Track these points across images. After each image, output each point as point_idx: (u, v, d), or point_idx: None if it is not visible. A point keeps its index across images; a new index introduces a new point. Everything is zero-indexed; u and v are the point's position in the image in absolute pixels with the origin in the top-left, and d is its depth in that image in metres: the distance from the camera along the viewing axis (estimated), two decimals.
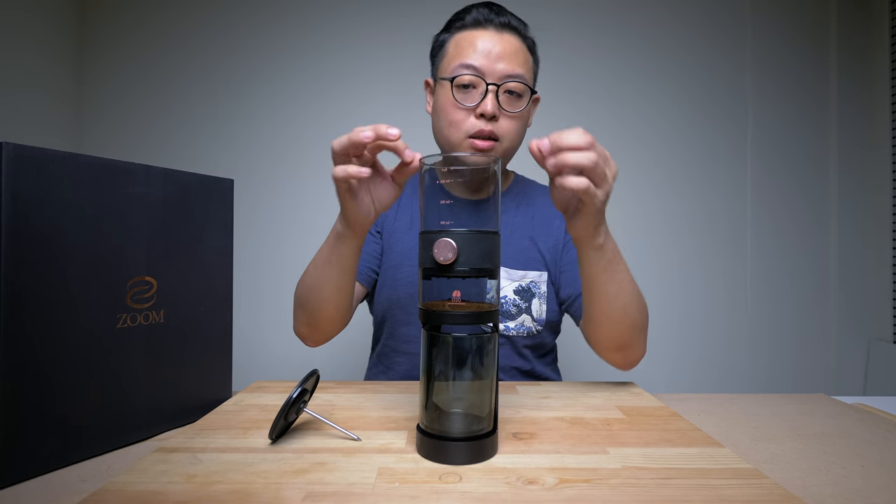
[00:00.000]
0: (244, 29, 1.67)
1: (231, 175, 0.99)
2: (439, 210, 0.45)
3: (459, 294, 0.45)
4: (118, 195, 0.49)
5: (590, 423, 0.53)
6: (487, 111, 0.73)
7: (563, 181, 0.51)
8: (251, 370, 1.60)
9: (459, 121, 0.76)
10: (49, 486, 0.41)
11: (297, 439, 0.48)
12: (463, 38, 0.77)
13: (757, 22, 1.69)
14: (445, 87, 0.77)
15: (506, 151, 0.79)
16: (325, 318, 0.72)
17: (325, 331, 0.74)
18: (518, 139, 0.80)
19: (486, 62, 0.74)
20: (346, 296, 0.70)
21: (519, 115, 0.78)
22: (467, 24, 0.77)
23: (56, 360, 0.44)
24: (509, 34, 0.76)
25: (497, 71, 0.74)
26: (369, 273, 0.85)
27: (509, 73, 0.75)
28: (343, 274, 0.66)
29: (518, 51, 0.76)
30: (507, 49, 0.75)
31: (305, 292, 0.71)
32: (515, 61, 0.75)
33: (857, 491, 0.42)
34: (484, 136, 0.75)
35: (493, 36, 0.75)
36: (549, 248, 0.85)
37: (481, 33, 0.76)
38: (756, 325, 1.69)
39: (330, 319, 0.72)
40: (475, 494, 0.37)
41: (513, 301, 0.82)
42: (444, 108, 0.78)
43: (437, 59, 0.82)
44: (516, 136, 0.79)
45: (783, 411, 0.63)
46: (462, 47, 0.76)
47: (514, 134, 0.78)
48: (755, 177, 1.70)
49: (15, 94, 1.42)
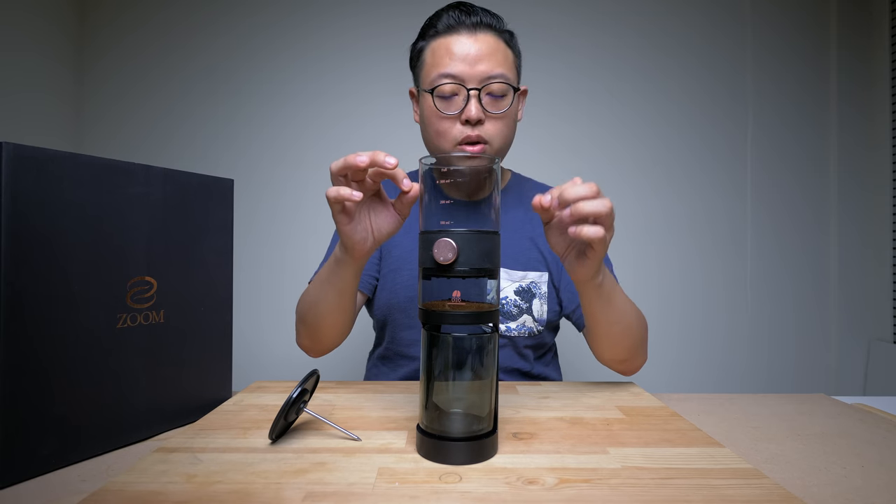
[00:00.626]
0: (244, 29, 1.67)
1: (231, 175, 0.99)
2: (439, 210, 0.45)
3: (459, 294, 0.45)
4: (118, 195, 0.49)
5: (590, 423, 0.53)
6: (472, 117, 0.73)
7: (578, 231, 0.51)
8: (251, 370, 1.59)
9: (446, 130, 0.76)
10: (49, 486, 0.41)
11: (297, 439, 0.48)
12: (438, 45, 0.76)
13: (757, 22, 1.69)
14: (427, 97, 0.77)
15: (497, 151, 0.78)
16: (326, 333, 0.74)
17: (327, 343, 0.76)
18: (508, 137, 0.79)
19: (465, 67, 0.73)
20: (346, 314, 0.71)
21: (505, 115, 0.77)
22: (440, 30, 0.76)
23: (56, 360, 0.44)
24: (484, 33, 0.75)
25: (477, 74, 0.73)
26: (369, 280, 0.85)
27: (489, 74, 0.74)
28: (342, 296, 0.67)
29: (495, 49, 0.75)
30: (483, 49, 0.74)
31: (306, 308, 0.73)
32: (494, 60, 0.74)
33: (857, 491, 0.42)
34: (472, 142, 0.75)
35: (467, 38, 0.74)
36: (549, 248, 0.85)
37: (455, 38, 0.75)
38: (756, 325, 1.69)
39: (330, 334, 0.74)
40: (475, 494, 0.37)
41: (513, 301, 0.82)
42: (429, 119, 0.78)
43: (416, 69, 0.82)
44: (505, 135, 0.78)
45: (783, 411, 0.63)
46: (438, 55, 0.75)
47: (503, 133, 0.77)
48: (755, 177, 1.70)
49: (15, 93, 1.42)
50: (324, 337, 0.74)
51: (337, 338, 0.76)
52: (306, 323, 0.74)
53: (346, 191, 0.51)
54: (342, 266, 0.63)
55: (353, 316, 0.75)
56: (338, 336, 0.76)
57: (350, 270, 0.63)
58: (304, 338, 0.77)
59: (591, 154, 1.68)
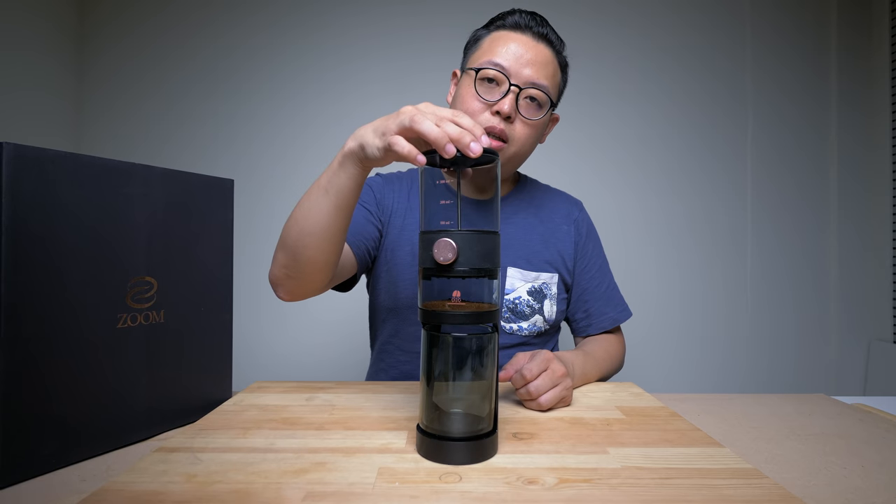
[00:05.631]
0: (244, 28, 1.67)
1: (231, 175, 0.99)
2: (439, 210, 0.45)
3: (459, 294, 0.45)
4: (118, 195, 0.49)
5: (590, 423, 0.53)
6: (504, 110, 0.73)
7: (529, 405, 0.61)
8: (251, 370, 1.59)
9: (475, 112, 0.75)
10: (49, 486, 0.41)
11: (298, 439, 0.48)
12: (499, 36, 0.77)
13: (757, 22, 1.69)
14: (469, 77, 0.77)
15: (513, 156, 0.78)
16: (307, 260, 0.62)
17: (303, 279, 0.65)
18: (528, 148, 0.80)
19: (515, 64, 0.74)
20: (335, 242, 0.62)
21: (534, 124, 0.77)
22: (507, 24, 0.78)
23: (56, 361, 0.44)
24: (544, 45, 0.77)
25: (523, 75, 0.74)
26: (364, 249, 0.80)
27: (534, 80, 0.75)
28: (337, 210, 0.59)
29: (548, 63, 0.77)
30: (538, 57, 0.75)
31: (291, 225, 0.63)
32: (544, 72, 0.76)
33: (857, 491, 0.42)
34: (495, 135, 0.75)
35: (528, 42, 0.76)
36: (559, 251, 0.86)
37: (518, 36, 0.76)
38: (756, 325, 1.69)
39: (311, 264, 0.63)
40: (475, 494, 0.37)
41: (527, 302, 0.82)
42: (463, 97, 0.78)
43: (469, 52, 0.83)
44: (527, 144, 0.78)
45: (783, 411, 0.63)
46: (495, 45, 0.77)
47: (526, 141, 0.78)
48: (755, 177, 1.69)
49: (15, 93, 1.42)
50: (303, 265, 0.63)
51: (316, 274, 0.64)
52: (288, 244, 0.63)
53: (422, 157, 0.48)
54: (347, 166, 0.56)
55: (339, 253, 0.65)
56: (317, 272, 0.64)
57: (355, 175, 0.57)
58: (280, 266, 0.65)
59: (592, 154, 1.68)
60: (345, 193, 0.58)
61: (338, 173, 0.57)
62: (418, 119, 0.47)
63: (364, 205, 0.82)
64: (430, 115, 0.49)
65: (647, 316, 1.64)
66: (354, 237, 0.79)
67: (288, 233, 0.63)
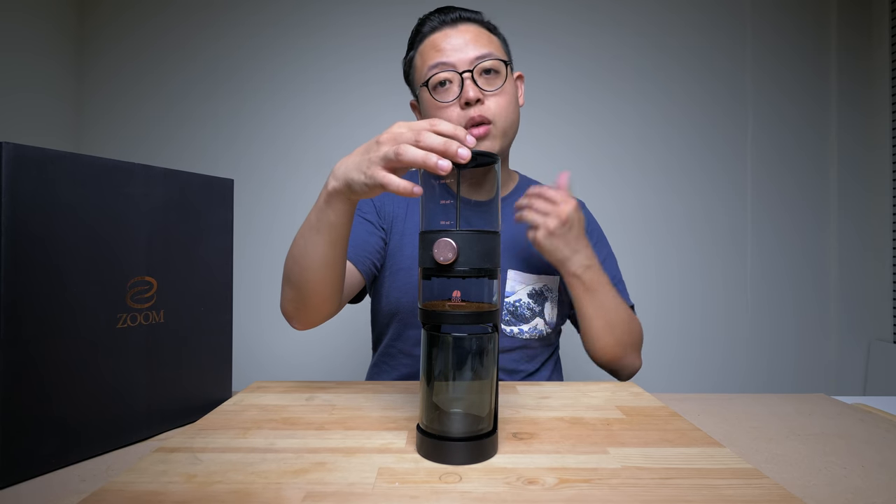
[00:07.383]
0: (244, 28, 1.67)
1: (231, 175, 1.00)
2: (439, 210, 0.45)
3: (459, 294, 0.45)
4: (118, 195, 0.49)
5: (590, 423, 0.53)
6: (469, 96, 0.73)
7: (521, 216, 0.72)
8: (251, 370, 1.59)
9: (447, 118, 0.75)
10: (49, 486, 0.41)
11: (298, 439, 0.48)
12: (425, 46, 0.79)
13: (757, 22, 1.69)
14: (426, 93, 0.78)
15: (503, 131, 0.77)
16: (312, 293, 0.64)
17: (312, 310, 0.67)
18: (511, 117, 0.78)
19: (454, 55, 0.75)
20: (336, 271, 0.64)
21: (503, 91, 0.77)
22: (425, 33, 0.80)
23: (56, 360, 0.44)
24: (464, 24, 0.78)
25: (466, 57, 0.75)
26: (370, 264, 0.80)
27: (478, 54, 0.75)
28: (332, 245, 0.60)
29: (479, 34, 0.77)
30: (468, 37, 0.76)
31: (290, 263, 0.65)
32: (479, 43, 0.76)
33: (857, 491, 0.42)
34: (476, 124, 0.74)
35: (449, 32, 0.77)
36: None
37: (439, 35, 0.78)
38: (756, 325, 1.69)
39: (317, 296, 0.65)
40: (475, 494, 0.37)
41: (527, 305, 0.82)
42: (430, 112, 0.78)
43: (411, 77, 0.85)
44: (508, 114, 0.77)
45: (783, 411, 0.63)
46: (427, 54, 0.78)
47: (505, 111, 0.77)
48: (755, 177, 1.70)
49: (15, 94, 1.42)
50: (310, 298, 0.65)
51: (324, 304, 0.67)
52: (291, 280, 0.65)
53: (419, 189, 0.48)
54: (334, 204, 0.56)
55: (342, 280, 0.67)
56: (325, 302, 0.66)
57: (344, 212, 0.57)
58: (289, 301, 0.67)
59: (591, 154, 1.68)
60: (336, 229, 0.59)
61: (325, 211, 0.58)
62: (402, 150, 0.47)
63: (364, 216, 0.82)
64: (409, 138, 0.48)
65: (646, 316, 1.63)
66: (358, 254, 0.79)
67: (290, 270, 0.65)
